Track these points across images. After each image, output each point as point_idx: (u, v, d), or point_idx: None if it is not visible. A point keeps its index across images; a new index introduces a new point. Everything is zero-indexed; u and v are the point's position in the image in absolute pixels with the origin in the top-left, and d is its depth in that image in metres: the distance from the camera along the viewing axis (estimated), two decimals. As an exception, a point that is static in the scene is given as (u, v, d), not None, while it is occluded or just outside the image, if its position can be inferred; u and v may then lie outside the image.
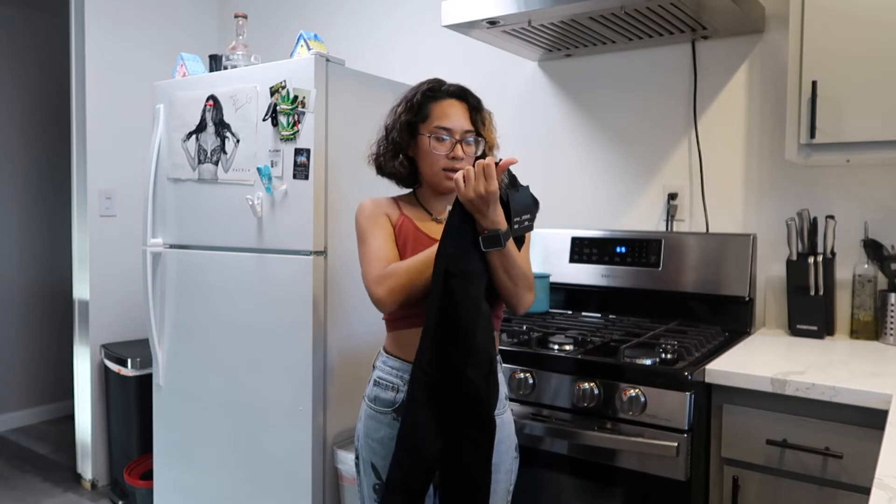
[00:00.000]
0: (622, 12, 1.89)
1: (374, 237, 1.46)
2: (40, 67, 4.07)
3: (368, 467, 1.48)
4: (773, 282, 2.08)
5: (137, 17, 3.22)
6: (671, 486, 1.56)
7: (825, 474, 1.45)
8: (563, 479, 1.71)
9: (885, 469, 0.92)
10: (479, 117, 1.48)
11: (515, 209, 1.32)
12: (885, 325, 1.86)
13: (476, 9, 1.97)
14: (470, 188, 1.27)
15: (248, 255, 2.15)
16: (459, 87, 1.50)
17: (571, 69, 2.47)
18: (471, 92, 1.51)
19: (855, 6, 1.69)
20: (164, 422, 2.45)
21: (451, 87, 1.49)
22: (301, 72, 1.99)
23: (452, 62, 2.67)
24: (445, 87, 1.49)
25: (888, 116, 1.66)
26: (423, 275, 1.35)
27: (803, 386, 1.45)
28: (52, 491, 3.13)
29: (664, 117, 2.29)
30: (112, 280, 3.12)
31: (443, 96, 1.47)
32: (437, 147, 1.44)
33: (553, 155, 2.50)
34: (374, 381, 1.50)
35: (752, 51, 2.14)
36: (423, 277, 1.36)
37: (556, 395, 1.70)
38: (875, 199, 1.96)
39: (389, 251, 1.43)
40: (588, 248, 2.29)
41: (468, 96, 1.49)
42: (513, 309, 1.42)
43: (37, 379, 4.11)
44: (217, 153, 2.21)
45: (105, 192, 3.11)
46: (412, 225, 1.48)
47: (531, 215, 1.36)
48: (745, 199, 2.15)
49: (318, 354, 2.01)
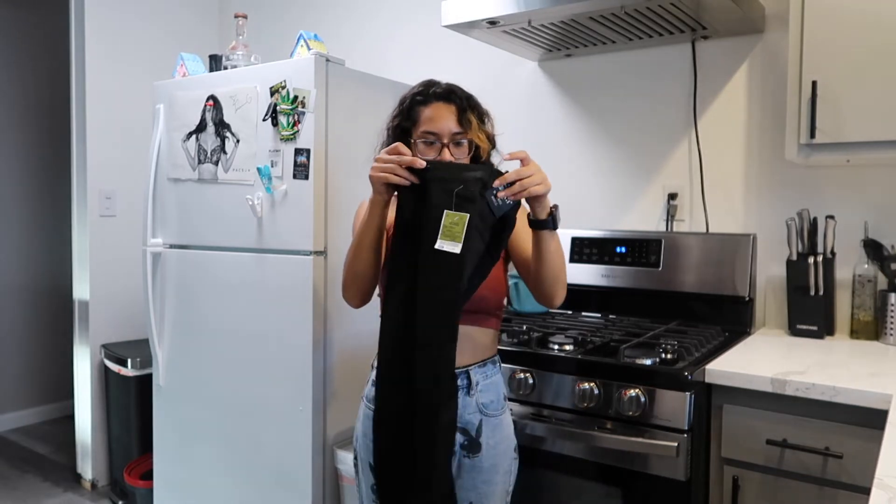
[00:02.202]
0: (622, 12, 1.89)
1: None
2: (40, 67, 4.06)
3: (367, 467, 1.48)
4: (773, 282, 2.08)
5: (137, 17, 3.22)
6: (671, 486, 1.56)
7: (825, 474, 1.45)
8: (563, 479, 1.71)
9: (885, 469, 0.92)
10: (465, 118, 1.44)
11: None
12: (885, 325, 1.86)
13: (476, 9, 1.96)
14: (539, 184, 1.29)
15: (248, 255, 2.15)
16: (446, 89, 1.47)
17: (571, 69, 2.47)
18: (459, 92, 1.47)
19: (855, 6, 1.69)
20: (164, 422, 2.45)
21: (439, 90, 1.46)
22: (301, 72, 1.99)
23: (452, 62, 2.67)
24: (433, 90, 1.46)
25: (888, 116, 1.66)
26: (357, 260, 1.42)
27: (803, 386, 1.45)
28: (53, 491, 3.13)
29: (664, 117, 2.28)
30: (112, 280, 3.12)
31: (430, 100, 1.45)
32: (424, 152, 1.43)
33: (553, 155, 2.50)
34: (373, 381, 1.50)
35: (752, 51, 2.14)
36: (357, 263, 1.42)
37: (557, 395, 1.70)
38: (875, 199, 1.96)
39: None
40: (588, 248, 2.29)
41: (455, 97, 1.46)
42: (551, 300, 1.44)
43: (37, 379, 4.11)
44: (217, 153, 2.21)
45: (105, 192, 3.11)
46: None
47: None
48: (745, 199, 2.15)
49: (318, 354, 2.02)
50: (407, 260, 1.31)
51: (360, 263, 1.42)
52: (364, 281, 1.45)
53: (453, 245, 1.27)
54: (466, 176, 1.30)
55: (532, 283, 1.46)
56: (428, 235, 1.28)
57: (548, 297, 1.45)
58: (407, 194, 1.33)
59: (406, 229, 1.33)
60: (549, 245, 1.37)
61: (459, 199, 1.28)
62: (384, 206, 1.37)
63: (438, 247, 1.27)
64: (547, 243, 1.37)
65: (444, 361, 1.30)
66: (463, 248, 1.27)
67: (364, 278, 1.44)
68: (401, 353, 1.30)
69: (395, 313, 1.33)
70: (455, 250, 1.27)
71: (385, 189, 1.34)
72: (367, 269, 1.42)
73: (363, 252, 1.41)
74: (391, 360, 1.33)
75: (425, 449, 1.30)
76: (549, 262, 1.39)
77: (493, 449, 1.44)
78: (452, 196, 1.29)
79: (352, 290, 1.47)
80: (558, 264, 1.41)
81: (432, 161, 1.35)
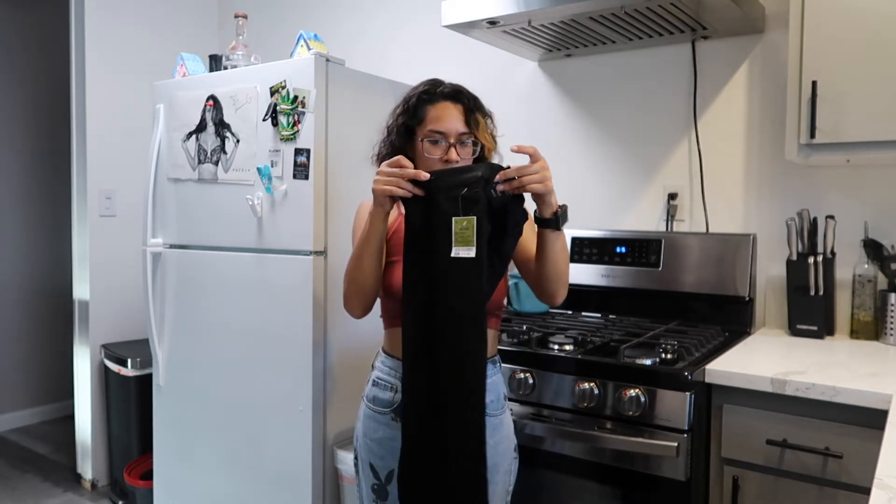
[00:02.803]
0: (622, 12, 1.89)
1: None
2: (40, 67, 4.06)
3: (367, 467, 1.48)
4: (773, 282, 2.08)
5: (137, 17, 3.22)
6: (671, 486, 1.56)
7: (825, 474, 1.45)
8: (563, 479, 1.71)
9: (885, 469, 0.92)
10: (472, 119, 1.45)
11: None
12: (885, 325, 1.86)
13: (476, 9, 1.96)
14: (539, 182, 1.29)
15: (248, 255, 2.15)
16: (454, 89, 1.47)
17: (571, 69, 2.47)
18: (466, 93, 1.48)
19: (855, 6, 1.69)
20: (164, 422, 2.45)
21: (446, 89, 1.46)
22: (301, 72, 1.99)
23: (452, 62, 2.67)
24: (441, 89, 1.46)
25: (888, 116, 1.66)
26: (359, 271, 1.41)
27: (803, 386, 1.45)
28: (53, 491, 3.13)
29: (664, 117, 2.28)
30: (112, 280, 3.12)
31: (437, 99, 1.45)
32: (430, 151, 1.43)
33: (553, 155, 2.48)
34: (373, 381, 1.50)
35: (752, 51, 2.14)
36: (360, 265, 1.41)
37: (557, 395, 1.70)
38: (875, 199, 1.96)
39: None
40: (588, 248, 2.29)
41: (462, 98, 1.46)
42: (552, 299, 1.45)
43: (37, 379, 4.11)
44: (217, 153, 2.21)
45: (105, 192, 3.11)
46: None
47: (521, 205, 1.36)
48: (745, 199, 2.15)
49: (318, 354, 2.02)
50: (422, 269, 1.31)
51: (361, 274, 1.41)
52: (366, 291, 1.44)
53: (468, 250, 1.27)
54: (468, 178, 1.30)
55: (533, 280, 1.46)
56: (441, 245, 1.29)
57: (549, 295, 1.45)
58: (414, 206, 1.33)
59: (416, 239, 1.33)
60: (553, 244, 1.38)
61: (465, 202, 1.28)
62: (385, 216, 1.37)
63: (455, 254, 1.27)
64: (551, 242, 1.37)
65: (473, 370, 1.31)
66: (478, 251, 1.27)
67: (367, 288, 1.43)
68: (426, 369, 1.30)
69: (416, 322, 1.32)
70: (470, 254, 1.27)
71: (388, 201, 1.34)
72: (369, 278, 1.42)
73: (365, 262, 1.40)
74: (416, 372, 1.33)
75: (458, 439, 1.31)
76: (552, 261, 1.39)
77: (494, 448, 1.44)
78: (458, 202, 1.29)
79: (354, 301, 1.46)
80: (562, 264, 1.41)
81: (434, 171, 1.35)
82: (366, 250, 1.39)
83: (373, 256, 1.39)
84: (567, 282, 1.45)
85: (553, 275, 1.41)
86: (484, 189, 1.29)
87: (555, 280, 1.42)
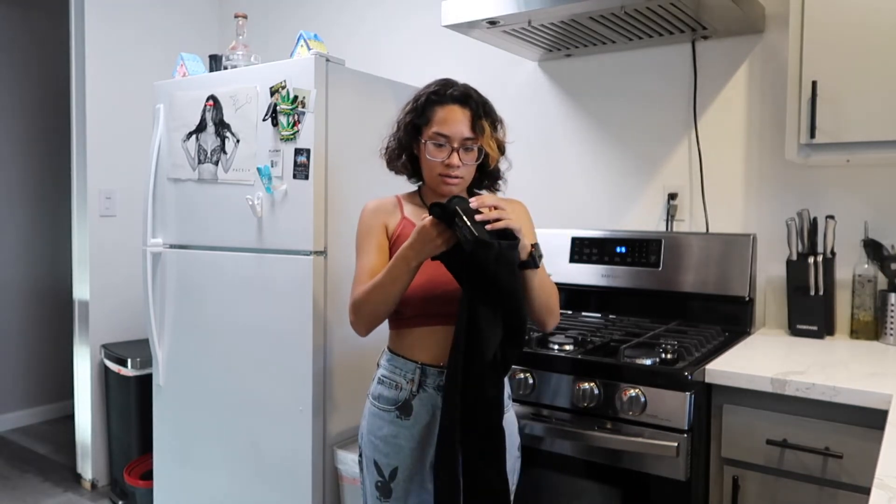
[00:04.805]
0: (622, 12, 1.89)
1: (366, 253, 1.47)
2: (40, 67, 4.07)
3: (371, 464, 1.48)
4: (773, 282, 2.08)
5: (137, 17, 3.22)
6: (671, 486, 1.56)
7: (825, 474, 1.45)
8: (563, 479, 1.71)
9: (885, 469, 0.92)
10: (478, 125, 1.43)
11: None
12: (885, 325, 1.86)
13: (476, 9, 1.96)
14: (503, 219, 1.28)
15: (248, 255, 2.15)
16: (463, 92, 1.45)
17: (571, 69, 2.47)
18: (476, 97, 1.45)
19: (855, 6, 1.69)
20: (164, 422, 2.45)
21: (456, 91, 1.45)
22: (301, 72, 1.99)
23: (452, 62, 2.67)
24: (450, 91, 1.44)
25: (888, 116, 1.66)
26: (386, 296, 1.38)
27: (803, 386, 1.45)
28: (52, 491, 3.13)
29: (664, 117, 2.28)
30: (112, 280, 3.12)
31: (446, 101, 1.43)
32: (433, 153, 1.42)
33: (553, 155, 2.50)
34: (378, 379, 1.50)
35: (752, 51, 2.13)
36: (386, 299, 1.38)
37: (556, 395, 1.70)
38: (875, 199, 1.96)
39: (377, 270, 1.42)
40: (588, 248, 2.29)
41: (471, 102, 1.44)
42: (543, 327, 1.50)
43: (37, 379, 4.11)
44: (217, 153, 2.21)
45: (105, 192, 3.11)
46: (412, 228, 1.47)
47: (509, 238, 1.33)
48: (745, 199, 2.15)
49: (319, 354, 2.02)
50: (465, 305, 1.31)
51: (385, 304, 1.39)
52: (383, 317, 1.43)
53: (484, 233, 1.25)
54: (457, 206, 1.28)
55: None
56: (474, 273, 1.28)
57: (539, 324, 1.50)
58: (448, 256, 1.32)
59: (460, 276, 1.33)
60: (532, 283, 1.39)
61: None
62: (420, 265, 1.35)
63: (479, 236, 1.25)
64: (531, 281, 1.39)
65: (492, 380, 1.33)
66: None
67: (384, 314, 1.42)
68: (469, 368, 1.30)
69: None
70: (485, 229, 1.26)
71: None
72: (392, 306, 1.40)
73: (391, 297, 1.37)
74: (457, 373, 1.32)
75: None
76: (536, 297, 1.42)
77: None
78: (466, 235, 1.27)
79: (365, 324, 1.43)
80: (544, 297, 1.44)
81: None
82: (395, 286, 1.36)
83: (400, 293, 1.37)
84: (555, 310, 1.49)
85: (539, 307, 1.44)
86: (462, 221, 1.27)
87: (541, 311, 1.46)
